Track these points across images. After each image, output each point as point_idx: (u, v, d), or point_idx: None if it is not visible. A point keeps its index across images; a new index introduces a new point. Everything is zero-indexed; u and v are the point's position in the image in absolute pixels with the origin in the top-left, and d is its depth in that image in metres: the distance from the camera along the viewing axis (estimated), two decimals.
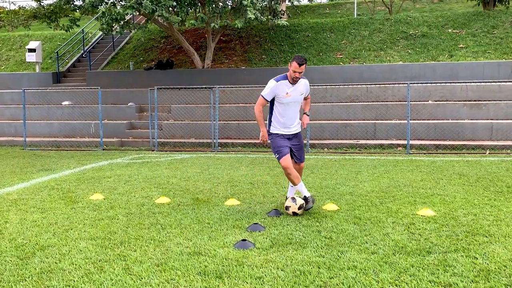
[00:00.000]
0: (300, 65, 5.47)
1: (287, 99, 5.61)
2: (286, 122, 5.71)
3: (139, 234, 5.00)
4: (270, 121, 5.84)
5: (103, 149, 13.75)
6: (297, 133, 5.83)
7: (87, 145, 14.42)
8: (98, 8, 15.02)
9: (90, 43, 22.05)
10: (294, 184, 5.73)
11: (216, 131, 13.40)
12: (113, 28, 16.02)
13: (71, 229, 5.22)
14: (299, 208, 5.59)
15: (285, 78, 5.62)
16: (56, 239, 4.87)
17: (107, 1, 15.45)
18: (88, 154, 12.66)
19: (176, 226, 5.30)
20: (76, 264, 4.13)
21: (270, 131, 5.80)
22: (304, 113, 5.98)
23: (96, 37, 22.49)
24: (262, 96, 5.68)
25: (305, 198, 5.67)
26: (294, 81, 5.58)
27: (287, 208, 5.66)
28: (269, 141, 5.84)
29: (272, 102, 5.74)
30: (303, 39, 19.10)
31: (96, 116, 14.95)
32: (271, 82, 5.63)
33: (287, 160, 5.62)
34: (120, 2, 15.57)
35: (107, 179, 8.47)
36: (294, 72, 5.49)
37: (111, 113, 15.89)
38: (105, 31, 15.98)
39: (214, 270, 3.93)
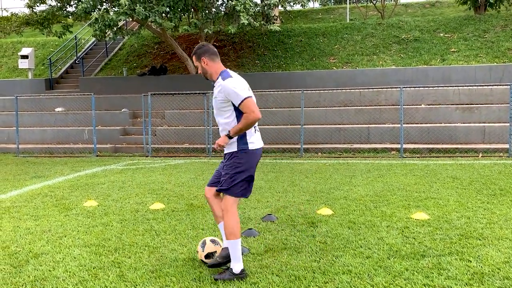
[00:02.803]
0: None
1: None
2: None
3: (134, 240, 4.98)
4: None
5: (97, 156, 13.70)
6: (225, 154, 4.17)
7: (80, 151, 14.36)
8: (91, 14, 15.02)
9: (83, 49, 22.01)
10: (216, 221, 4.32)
11: (210, 136, 13.39)
12: (106, 34, 16.01)
13: (65, 236, 5.20)
14: (206, 257, 4.20)
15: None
16: (49, 246, 4.85)
17: (100, 7, 15.45)
18: (82, 161, 12.61)
19: (170, 232, 5.28)
20: (70, 272, 4.11)
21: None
22: (225, 134, 3.99)
23: (89, 43, 22.45)
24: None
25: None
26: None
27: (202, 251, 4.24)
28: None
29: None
30: (296, 44, 19.17)
31: (89, 122, 14.90)
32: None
33: (205, 189, 4.47)
34: (113, 8, 15.57)
35: (101, 186, 8.43)
36: None
37: (105, 119, 15.85)
38: (98, 37, 15.98)
39: (209, 276, 3.92)
